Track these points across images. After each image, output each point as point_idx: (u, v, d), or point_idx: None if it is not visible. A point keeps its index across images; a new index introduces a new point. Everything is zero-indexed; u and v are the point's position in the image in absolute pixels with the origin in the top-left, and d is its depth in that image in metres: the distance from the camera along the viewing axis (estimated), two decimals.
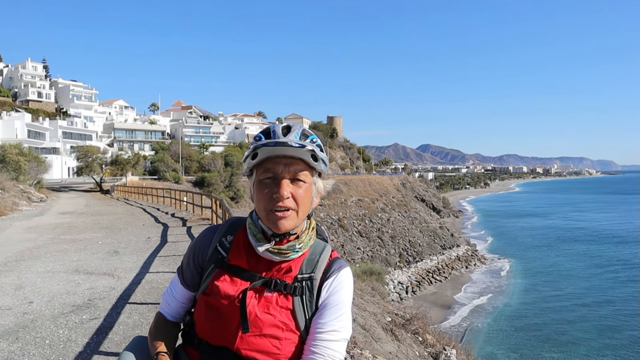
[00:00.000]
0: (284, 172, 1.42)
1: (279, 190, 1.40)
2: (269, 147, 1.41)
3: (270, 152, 1.42)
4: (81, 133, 78.23)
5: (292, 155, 1.42)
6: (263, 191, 1.43)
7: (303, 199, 1.44)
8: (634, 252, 58.58)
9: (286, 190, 1.41)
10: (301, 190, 1.44)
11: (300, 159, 1.43)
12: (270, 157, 1.44)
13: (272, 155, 1.43)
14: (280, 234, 1.45)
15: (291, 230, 1.45)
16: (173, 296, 1.64)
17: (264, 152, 1.42)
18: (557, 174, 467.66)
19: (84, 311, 5.81)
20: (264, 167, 1.45)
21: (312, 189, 1.48)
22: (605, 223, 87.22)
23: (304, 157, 1.43)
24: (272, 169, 1.43)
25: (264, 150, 1.42)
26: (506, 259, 56.88)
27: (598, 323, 33.40)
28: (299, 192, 1.44)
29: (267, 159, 1.44)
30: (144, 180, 47.81)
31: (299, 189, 1.44)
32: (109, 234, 13.89)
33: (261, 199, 1.44)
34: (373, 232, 59.66)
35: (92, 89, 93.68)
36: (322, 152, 1.47)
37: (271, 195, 1.41)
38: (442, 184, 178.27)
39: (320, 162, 1.46)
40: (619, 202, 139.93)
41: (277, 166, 1.43)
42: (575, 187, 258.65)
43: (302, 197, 1.44)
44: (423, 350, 6.98)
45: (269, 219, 1.43)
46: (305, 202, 1.46)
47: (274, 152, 1.42)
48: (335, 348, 1.44)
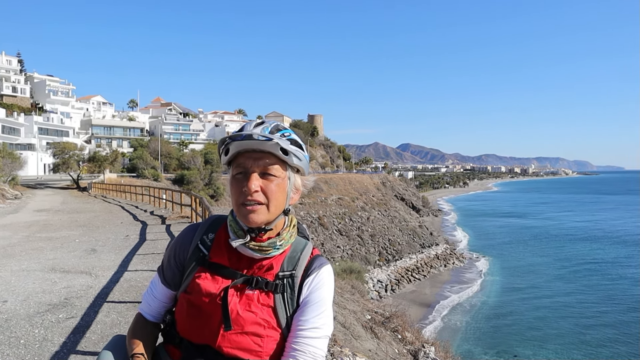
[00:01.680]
0: (254, 166, 1.42)
1: (247, 184, 1.40)
2: (237, 141, 1.42)
3: (239, 146, 1.42)
4: (58, 129, 76.77)
5: (261, 149, 1.42)
6: (235, 186, 1.44)
7: (274, 193, 1.43)
8: (608, 250, 59.91)
9: (254, 184, 1.40)
10: (272, 185, 1.43)
11: (270, 153, 1.43)
12: (240, 152, 1.44)
13: (242, 150, 1.43)
14: (254, 229, 1.45)
15: (264, 224, 1.45)
16: (153, 296, 1.62)
17: (234, 147, 1.43)
18: (534, 174, 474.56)
19: (61, 310, 5.73)
20: (236, 163, 1.45)
21: (285, 184, 1.47)
22: (580, 222, 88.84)
23: (273, 151, 1.42)
24: (243, 164, 1.43)
25: (234, 145, 1.42)
26: (484, 257, 57.57)
27: (573, 320, 34.04)
28: (270, 187, 1.43)
29: (238, 154, 1.44)
30: (122, 177, 47.26)
31: (270, 183, 1.43)
32: (87, 231, 13.71)
33: (233, 194, 1.45)
34: (353, 230, 59.85)
35: (69, 85, 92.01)
36: (295, 146, 1.47)
37: (241, 190, 1.41)
38: (421, 183, 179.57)
39: (291, 156, 1.44)
40: (593, 202, 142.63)
41: (247, 160, 1.43)
42: (552, 187, 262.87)
43: (273, 191, 1.43)
44: (402, 348, 7.03)
45: (240, 213, 1.43)
46: (277, 196, 1.44)
47: (242, 146, 1.42)
48: (316, 345, 1.44)
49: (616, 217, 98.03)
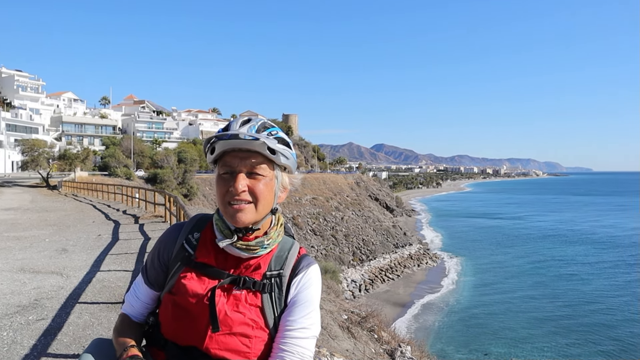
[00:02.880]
0: (240, 165, 1.40)
1: (234, 184, 1.38)
2: (223, 140, 1.39)
3: (225, 145, 1.40)
4: (26, 126, 74.98)
5: (248, 149, 1.40)
6: (221, 185, 1.41)
7: (261, 192, 1.42)
8: (578, 250, 61.42)
9: (241, 183, 1.38)
10: (260, 184, 1.41)
11: (257, 152, 1.41)
12: (226, 151, 1.42)
13: (228, 149, 1.41)
14: (241, 229, 1.43)
15: (251, 224, 1.44)
16: (136, 297, 1.59)
17: (220, 146, 1.40)
18: (506, 175, 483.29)
19: (30, 312, 5.58)
20: (222, 162, 1.43)
21: (273, 183, 1.46)
22: (550, 223, 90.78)
23: (260, 150, 1.40)
24: (229, 163, 1.41)
25: (220, 144, 1.40)
26: (457, 257, 58.33)
27: (544, 318, 34.74)
28: (258, 186, 1.41)
29: (224, 153, 1.42)
30: (94, 176, 46.45)
31: (257, 182, 1.41)
32: (57, 231, 13.42)
33: (219, 193, 1.42)
34: (327, 230, 59.99)
35: (39, 80, 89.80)
36: (282, 145, 1.45)
37: (227, 189, 1.39)
38: (395, 183, 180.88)
39: (279, 155, 1.43)
40: (563, 203, 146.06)
41: (234, 160, 1.40)
42: (523, 187, 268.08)
43: (260, 191, 1.41)
44: (379, 348, 7.05)
45: (227, 212, 1.41)
46: (265, 196, 1.43)
47: (228, 145, 1.40)
48: (304, 345, 1.43)
49: (582, 217, 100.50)
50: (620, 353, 28.40)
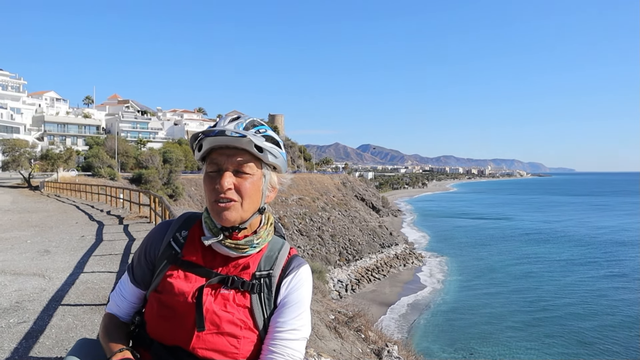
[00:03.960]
0: (227, 163, 1.38)
1: (220, 182, 1.35)
2: (210, 137, 1.37)
3: (212, 142, 1.37)
4: (7, 125, 73.80)
5: (235, 146, 1.37)
6: (208, 183, 1.39)
7: (248, 191, 1.39)
8: (561, 249, 62.08)
9: (227, 181, 1.36)
10: (246, 183, 1.39)
11: (244, 150, 1.38)
12: (214, 148, 1.39)
13: (216, 146, 1.39)
14: (228, 227, 1.41)
15: (237, 223, 1.40)
16: (122, 296, 1.55)
17: (207, 143, 1.38)
18: (490, 175, 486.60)
19: (11, 314, 5.47)
20: (210, 159, 1.40)
21: (260, 182, 1.43)
22: (534, 222, 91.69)
23: (247, 148, 1.37)
24: (216, 160, 1.38)
25: (207, 140, 1.38)
26: (442, 256, 58.65)
27: (529, 317, 35.06)
28: (244, 185, 1.38)
29: (212, 150, 1.40)
30: (77, 176, 45.91)
31: (243, 181, 1.38)
32: (39, 232, 13.21)
33: (207, 191, 1.40)
34: (313, 230, 59.97)
35: (20, 79, 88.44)
36: (271, 143, 1.42)
37: (213, 187, 1.36)
38: (381, 183, 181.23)
39: (266, 154, 1.40)
40: (546, 203, 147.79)
41: (221, 157, 1.38)
42: (507, 187, 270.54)
43: (247, 189, 1.39)
44: (366, 347, 7.04)
45: (213, 211, 1.38)
46: (252, 195, 1.40)
47: (215, 142, 1.37)
48: (294, 347, 1.40)
49: (563, 216, 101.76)
50: (605, 352, 28.78)
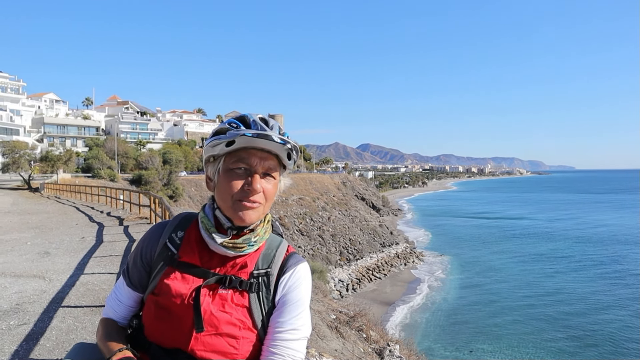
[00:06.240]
0: (259, 165, 1.37)
1: (253, 183, 1.35)
2: (247, 137, 1.34)
3: (249, 142, 1.35)
4: (7, 127, 73.79)
5: (270, 150, 1.38)
6: (233, 180, 1.36)
7: (271, 194, 1.41)
8: (561, 247, 62.10)
9: (259, 184, 1.36)
10: (270, 186, 1.40)
11: (275, 155, 1.39)
12: (246, 148, 1.37)
13: (249, 147, 1.37)
14: (241, 227, 1.40)
15: (254, 223, 1.41)
16: (118, 300, 1.53)
17: (242, 142, 1.35)
18: (490, 174, 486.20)
19: (12, 316, 5.46)
20: (237, 157, 1.38)
21: (278, 185, 1.45)
22: (534, 221, 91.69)
23: (280, 154, 1.39)
24: (247, 160, 1.37)
25: (242, 139, 1.35)
26: (443, 255, 58.61)
27: (529, 315, 35.06)
28: (269, 188, 1.40)
29: (242, 148, 1.37)
30: (77, 177, 45.91)
31: (268, 184, 1.40)
32: (39, 233, 13.20)
33: (230, 188, 1.37)
34: (314, 230, 59.92)
35: (20, 81, 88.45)
36: (295, 150, 1.44)
37: (243, 187, 1.36)
38: (381, 182, 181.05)
39: (292, 161, 1.43)
40: (545, 201, 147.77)
41: (253, 158, 1.37)
42: (507, 186, 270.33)
43: (270, 192, 1.41)
44: (368, 347, 7.03)
45: (235, 209, 1.36)
46: (273, 198, 1.43)
47: (252, 143, 1.35)
48: (295, 347, 1.39)
49: (564, 214, 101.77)
50: (606, 349, 28.76)
